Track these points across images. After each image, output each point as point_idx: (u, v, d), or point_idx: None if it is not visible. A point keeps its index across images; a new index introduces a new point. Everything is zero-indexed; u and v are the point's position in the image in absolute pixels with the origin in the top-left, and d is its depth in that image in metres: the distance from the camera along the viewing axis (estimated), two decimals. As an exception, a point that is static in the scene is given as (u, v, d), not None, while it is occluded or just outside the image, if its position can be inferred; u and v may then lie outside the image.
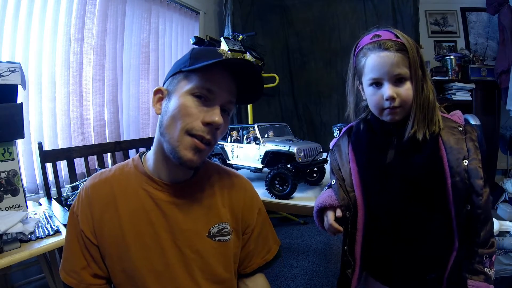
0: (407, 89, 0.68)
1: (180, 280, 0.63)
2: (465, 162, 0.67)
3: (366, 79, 0.72)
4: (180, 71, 0.61)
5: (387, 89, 0.68)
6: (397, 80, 0.68)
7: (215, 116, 0.58)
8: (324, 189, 0.92)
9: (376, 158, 0.76)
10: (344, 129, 0.87)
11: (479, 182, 0.66)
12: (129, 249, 0.61)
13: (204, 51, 0.65)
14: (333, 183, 0.84)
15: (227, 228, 0.68)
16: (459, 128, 0.71)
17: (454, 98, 2.60)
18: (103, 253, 0.63)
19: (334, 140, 0.89)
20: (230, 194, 0.72)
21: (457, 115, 0.75)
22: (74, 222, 0.64)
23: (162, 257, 0.62)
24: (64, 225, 1.12)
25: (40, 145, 1.53)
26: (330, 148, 0.89)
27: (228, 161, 1.44)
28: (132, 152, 1.99)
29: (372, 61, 0.69)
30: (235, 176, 0.76)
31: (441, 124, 0.71)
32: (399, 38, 0.68)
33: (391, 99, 0.68)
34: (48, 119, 1.71)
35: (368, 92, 0.73)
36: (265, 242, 0.77)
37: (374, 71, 0.69)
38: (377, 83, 0.70)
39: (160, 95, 0.63)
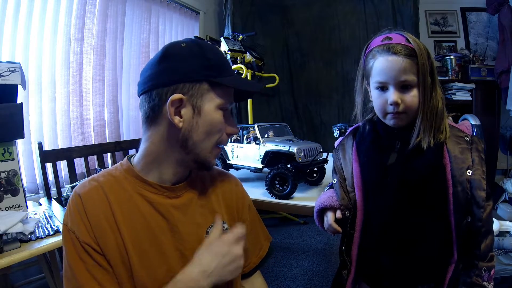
0: (412, 96, 0.67)
1: None
2: (469, 172, 0.66)
3: (373, 81, 0.71)
4: (209, 80, 0.58)
5: (392, 94, 0.67)
6: (403, 86, 0.67)
7: (235, 127, 0.65)
8: (326, 189, 0.92)
9: (377, 159, 0.75)
10: (350, 129, 0.87)
11: (481, 193, 0.65)
12: (130, 257, 0.57)
13: (218, 57, 0.62)
14: (334, 182, 0.84)
15: (224, 227, 0.67)
16: (465, 138, 0.70)
17: (454, 98, 2.60)
18: (110, 263, 0.57)
19: (339, 139, 0.88)
20: (223, 192, 0.72)
21: (465, 125, 0.74)
22: (71, 241, 0.55)
23: (163, 264, 0.60)
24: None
25: (40, 145, 1.53)
26: (335, 146, 0.88)
27: (228, 161, 1.44)
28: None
29: (380, 64, 0.68)
30: (224, 174, 0.76)
31: (447, 133, 0.70)
32: (410, 43, 0.67)
33: (395, 104, 0.67)
34: (48, 119, 1.71)
35: (374, 95, 0.73)
36: (256, 239, 0.77)
37: (381, 75, 0.69)
38: (382, 87, 0.70)
39: (178, 104, 0.57)
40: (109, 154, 1.92)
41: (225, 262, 0.57)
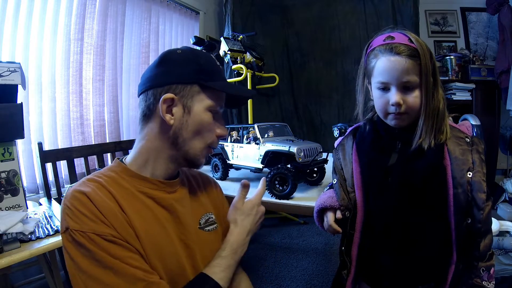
0: (414, 96, 0.67)
1: (189, 277, 0.63)
2: (469, 174, 0.66)
3: (375, 81, 0.71)
4: (200, 83, 0.63)
5: (394, 95, 0.67)
6: (405, 87, 0.67)
7: (224, 129, 0.69)
8: (325, 189, 0.91)
9: (378, 159, 0.75)
10: (350, 129, 0.87)
11: (481, 196, 0.65)
12: (145, 248, 0.57)
13: (210, 63, 0.67)
14: (334, 182, 0.84)
15: (212, 217, 0.73)
16: (466, 139, 0.70)
17: (454, 98, 2.60)
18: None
19: (339, 139, 0.88)
20: (206, 189, 0.78)
21: (465, 125, 0.74)
22: (94, 244, 0.51)
23: (174, 254, 0.61)
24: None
25: (40, 145, 1.53)
26: (335, 147, 0.88)
27: (228, 161, 1.44)
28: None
29: (382, 65, 0.68)
30: (204, 174, 0.83)
31: (448, 133, 0.70)
32: (413, 42, 0.66)
33: (397, 105, 0.67)
34: (48, 119, 1.71)
35: (375, 95, 0.72)
36: None
37: (383, 75, 0.68)
38: (384, 87, 0.69)
39: (170, 103, 0.62)
40: (109, 154, 1.92)
41: (256, 219, 0.75)
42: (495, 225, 1.50)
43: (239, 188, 0.75)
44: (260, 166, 1.30)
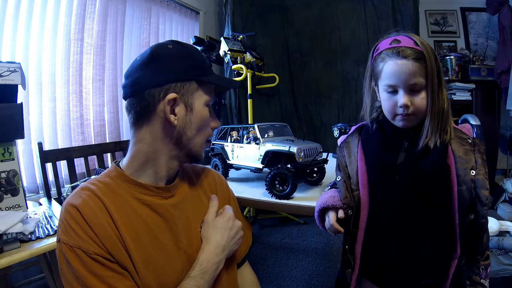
0: (421, 98, 0.69)
1: None
2: (473, 173, 0.69)
3: (382, 84, 0.73)
4: (196, 79, 0.63)
5: (402, 97, 0.69)
6: (412, 89, 0.69)
7: (218, 121, 0.70)
8: (326, 188, 0.91)
9: (386, 158, 0.77)
10: (354, 127, 0.88)
11: (485, 192, 0.68)
12: (135, 263, 0.55)
13: (201, 57, 0.68)
14: (338, 179, 0.84)
15: None
16: (468, 140, 0.73)
17: (454, 98, 2.60)
18: (127, 269, 0.55)
19: (343, 137, 0.89)
20: (209, 185, 0.76)
21: (466, 127, 0.77)
22: (78, 258, 0.51)
23: (168, 265, 0.60)
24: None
25: (40, 145, 1.53)
26: (338, 144, 0.89)
27: (228, 161, 1.44)
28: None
29: (390, 68, 0.70)
30: (207, 169, 0.82)
31: (452, 134, 0.73)
32: (418, 45, 0.68)
33: (405, 107, 0.69)
34: (48, 119, 1.71)
35: (383, 97, 0.74)
36: (242, 230, 0.79)
37: (391, 78, 0.70)
38: (392, 90, 0.71)
39: (173, 103, 0.60)
40: (109, 154, 1.92)
41: (232, 234, 0.68)
42: (495, 225, 1.50)
43: (210, 203, 0.72)
44: (260, 166, 1.30)
